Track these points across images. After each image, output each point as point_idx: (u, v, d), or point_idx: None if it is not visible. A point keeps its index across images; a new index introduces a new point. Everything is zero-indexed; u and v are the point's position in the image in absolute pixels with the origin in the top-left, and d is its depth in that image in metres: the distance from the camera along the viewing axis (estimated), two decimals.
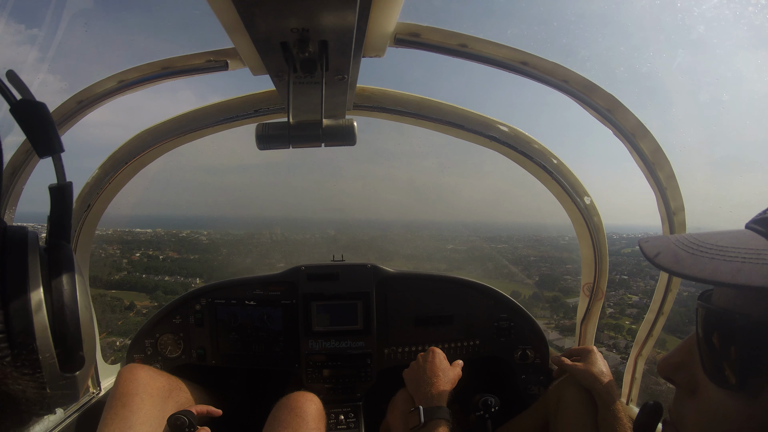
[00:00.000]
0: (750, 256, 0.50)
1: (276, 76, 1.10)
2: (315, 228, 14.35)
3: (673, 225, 1.58)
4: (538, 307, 10.16)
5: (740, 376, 0.52)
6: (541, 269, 12.95)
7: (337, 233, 14.29)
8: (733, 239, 0.54)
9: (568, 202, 1.89)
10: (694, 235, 0.59)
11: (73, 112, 1.53)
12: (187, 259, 13.81)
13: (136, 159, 1.79)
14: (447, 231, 15.64)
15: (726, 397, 0.55)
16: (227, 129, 1.74)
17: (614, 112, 1.47)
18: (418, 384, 1.63)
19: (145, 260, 13.66)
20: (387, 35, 1.16)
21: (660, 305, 1.71)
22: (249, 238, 14.96)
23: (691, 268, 0.53)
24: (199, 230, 14.53)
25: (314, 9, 0.80)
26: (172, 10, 8.95)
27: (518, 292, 11.72)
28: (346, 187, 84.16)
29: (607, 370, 1.62)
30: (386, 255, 14.91)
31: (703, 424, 0.59)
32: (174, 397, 1.83)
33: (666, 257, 0.57)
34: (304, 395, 1.75)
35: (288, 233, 14.77)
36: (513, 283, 12.77)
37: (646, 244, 0.62)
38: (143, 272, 13.24)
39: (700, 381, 0.60)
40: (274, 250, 14.39)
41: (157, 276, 13.11)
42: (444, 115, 1.70)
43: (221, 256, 14.09)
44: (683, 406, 0.63)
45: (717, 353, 0.56)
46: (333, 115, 1.32)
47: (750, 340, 0.52)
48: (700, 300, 0.60)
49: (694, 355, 0.61)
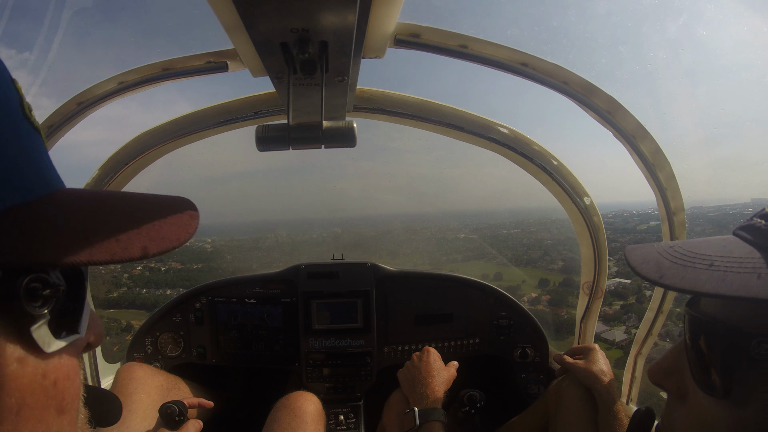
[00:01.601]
0: (732, 265, 0.50)
1: (276, 77, 1.10)
2: (321, 228, 14.18)
3: (673, 225, 1.59)
4: (573, 296, 9.99)
5: (725, 383, 0.52)
6: (561, 253, 12.42)
7: (342, 231, 14.10)
8: (718, 247, 0.55)
9: (568, 202, 1.89)
10: (680, 243, 0.60)
11: (73, 113, 1.53)
12: (190, 269, 13.37)
13: (135, 160, 1.79)
14: (453, 221, 15.42)
15: (714, 404, 0.55)
16: (227, 131, 1.74)
17: (614, 114, 1.48)
18: (413, 384, 1.63)
19: (146, 273, 13.16)
20: (387, 36, 1.16)
21: (659, 304, 1.71)
22: (254, 243, 14.73)
23: (672, 278, 0.54)
24: (204, 238, 14.38)
25: (314, 9, 0.80)
26: (172, 10, 8.88)
27: (546, 280, 11.41)
28: (347, 186, 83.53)
29: (608, 369, 1.62)
30: (395, 247, 14.64)
31: (692, 429, 0.60)
32: (172, 395, 1.83)
33: (649, 267, 0.58)
34: (303, 395, 1.75)
35: (293, 234, 14.58)
36: (537, 269, 12.41)
37: (631, 254, 0.63)
38: (143, 287, 12.73)
39: (690, 387, 0.60)
40: (280, 252, 14.16)
41: (158, 290, 12.58)
42: (444, 117, 1.71)
43: (226, 263, 13.89)
44: (674, 411, 0.64)
45: (703, 360, 0.56)
46: (333, 117, 1.32)
47: (733, 348, 0.52)
48: (687, 307, 0.61)
49: (683, 362, 0.61)
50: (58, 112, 1.53)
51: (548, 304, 10.18)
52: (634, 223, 11.37)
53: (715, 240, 0.58)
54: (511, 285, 10.11)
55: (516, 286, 10.54)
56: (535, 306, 9.96)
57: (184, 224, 0.50)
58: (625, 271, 10.57)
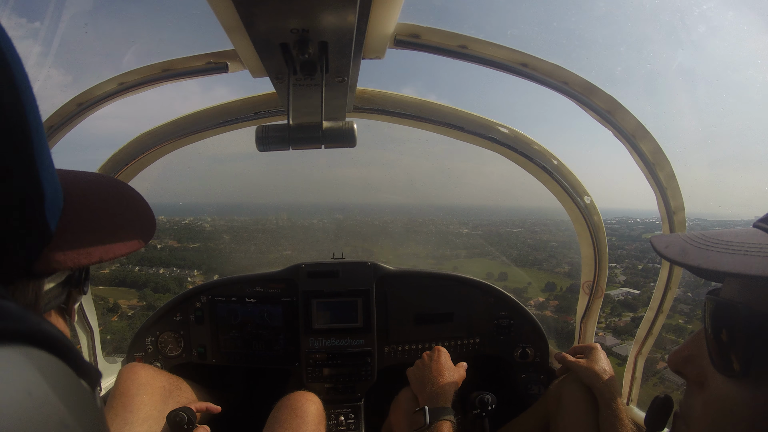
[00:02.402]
0: (753, 250, 0.53)
1: (276, 78, 1.10)
2: (322, 213, 13.74)
3: (673, 224, 1.59)
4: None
5: (744, 363, 0.55)
6: (567, 256, 12.18)
7: (345, 217, 13.77)
8: (739, 236, 0.58)
9: (568, 201, 1.89)
10: (703, 232, 0.63)
11: (73, 114, 1.53)
12: (186, 248, 12.95)
13: (136, 160, 1.79)
14: (456, 216, 15.14)
15: (731, 387, 0.57)
16: (227, 131, 1.75)
17: (614, 114, 1.48)
18: (423, 383, 1.63)
19: (142, 250, 12.66)
20: (387, 36, 1.16)
21: (660, 303, 1.71)
22: (254, 224, 14.29)
23: (696, 259, 0.57)
24: (203, 216, 13.87)
25: (314, 9, 0.80)
26: (172, 11, 8.88)
27: (553, 284, 11.20)
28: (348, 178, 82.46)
29: (610, 369, 1.62)
30: (396, 241, 14.33)
31: (710, 415, 0.61)
32: (174, 396, 1.83)
33: (674, 250, 0.62)
34: (304, 395, 1.75)
35: (294, 218, 14.12)
36: (543, 271, 12.14)
37: (656, 240, 0.67)
38: (136, 264, 12.13)
39: (708, 373, 0.62)
40: (281, 236, 13.63)
41: (151, 268, 12.09)
42: (444, 117, 1.71)
43: (223, 243, 13.48)
44: (692, 398, 0.66)
45: (723, 344, 0.58)
46: (333, 118, 1.32)
47: (752, 328, 0.54)
48: (708, 294, 0.64)
49: (702, 348, 0.64)
50: (58, 113, 1.53)
51: (556, 311, 9.90)
52: (639, 231, 11.30)
53: (737, 230, 0.61)
54: (517, 287, 9.90)
55: (522, 288, 10.27)
56: (542, 311, 9.71)
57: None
58: (633, 280, 10.42)
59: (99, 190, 0.63)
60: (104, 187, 0.65)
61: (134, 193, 0.69)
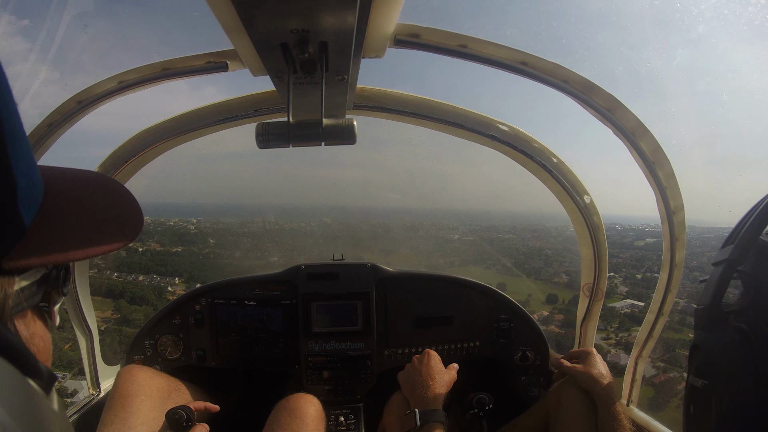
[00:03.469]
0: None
1: (276, 76, 1.10)
2: (312, 216, 13.42)
3: (673, 224, 1.58)
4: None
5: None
6: (563, 265, 11.68)
7: (333, 221, 13.50)
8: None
9: (568, 200, 1.89)
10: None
11: (73, 112, 1.53)
12: (169, 252, 12.10)
13: (136, 158, 1.79)
14: (446, 220, 14.89)
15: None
16: (227, 129, 1.75)
17: (614, 112, 1.48)
18: (413, 386, 1.63)
19: (123, 254, 11.30)
20: (387, 36, 1.16)
21: (660, 306, 1.71)
22: (241, 227, 13.82)
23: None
24: (189, 218, 13.30)
25: (314, 10, 0.80)
26: (172, 11, 8.86)
27: (555, 296, 10.70)
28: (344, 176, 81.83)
29: (607, 372, 1.62)
30: (391, 242, 13.95)
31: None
32: (173, 398, 1.82)
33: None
34: (303, 397, 1.75)
35: (282, 222, 13.78)
36: (540, 281, 11.66)
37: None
38: (115, 270, 11.20)
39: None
40: (267, 239, 13.15)
41: (130, 275, 11.16)
42: (444, 115, 1.71)
43: (208, 247, 12.83)
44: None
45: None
46: (333, 115, 1.33)
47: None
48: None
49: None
50: (58, 110, 1.53)
51: (562, 325, 9.42)
52: (630, 238, 11.08)
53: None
54: (519, 299, 9.81)
55: (524, 300, 10.06)
56: (548, 326, 9.34)
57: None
58: (635, 291, 10.16)
59: (85, 186, 0.61)
60: (91, 183, 0.63)
61: (123, 191, 0.66)
